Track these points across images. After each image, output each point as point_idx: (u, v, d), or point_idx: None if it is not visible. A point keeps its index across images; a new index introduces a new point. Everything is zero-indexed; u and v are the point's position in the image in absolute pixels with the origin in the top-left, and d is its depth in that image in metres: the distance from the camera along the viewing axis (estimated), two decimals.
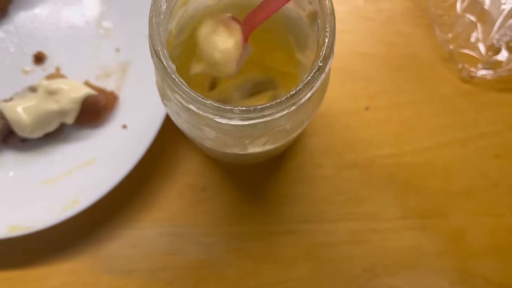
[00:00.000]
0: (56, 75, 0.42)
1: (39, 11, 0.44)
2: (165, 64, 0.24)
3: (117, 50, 0.43)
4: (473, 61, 0.43)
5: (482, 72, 0.43)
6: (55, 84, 0.39)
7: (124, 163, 0.39)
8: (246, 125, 0.24)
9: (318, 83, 0.23)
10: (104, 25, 0.44)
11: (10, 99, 0.40)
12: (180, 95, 0.24)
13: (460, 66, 0.43)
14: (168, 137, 0.42)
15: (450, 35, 0.43)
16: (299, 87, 0.23)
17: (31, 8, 0.44)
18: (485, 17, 0.43)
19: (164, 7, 0.25)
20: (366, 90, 0.44)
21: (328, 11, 0.23)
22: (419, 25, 0.45)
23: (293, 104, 0.23)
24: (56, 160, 0.41)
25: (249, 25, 0.28)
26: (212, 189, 0.42)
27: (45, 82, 0.40)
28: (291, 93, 0.22)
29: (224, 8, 0.33)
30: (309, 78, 0.23)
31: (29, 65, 0.43)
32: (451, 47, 0.43)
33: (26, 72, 0.43)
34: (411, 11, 0.45)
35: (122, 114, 0.41)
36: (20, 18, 0.44)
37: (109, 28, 0.43)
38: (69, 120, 0.40)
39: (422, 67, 0.44)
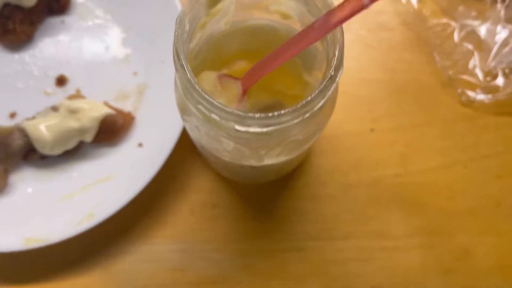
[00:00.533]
0: (77, 96, 0.44)
1: (62, 37, 0.47)
2: (189, 76, 0.26)
3: (135, 73, 0.46)
4: (472, 86, 0.46)
5: (480, 97, 0.45)
6: (77, 103, 0.42)
7: (139, 180, 0.40)
8: (263, 133, 0.26)
9: (329, 92, 0.25)
10: (124, 51, 0.46)
11: (33, 118, 0.42)
12: (203, 105, 0.26)
13: (459, 91, 0.45)
14: (182, 156, 0.43)
15: (449, 62, 0.46)
16: (313, 95, 0.25)
17: (56, 35, 0.47)
18: (482, 46, 0.46)
19: (187, 26, 0.28)
20: (371, 113, 0.46)
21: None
22: (420, 52, 0.47)
23: (306, 112, 0.25)
24: (74, 177, 0.43)
25: (247, 82, 0.30)
26: (223, 206, 0.43)
27: (67, 102, 0.42)
28: (306, 100, 0.24)
29: (236, 32, 0.36)
30: (322, 86, 0.25)
31: (51, 87, 0.45)
32: (450, 73, 0.46)
33: (48, 94, 0.45)
34: (411, 40, 0.48)
35: (139, 133, 0.43)
36: (45, 44, 0.47)
37: (128, 53, 0.46)
38: (88, 138, 0.42)
39: (424, 92, 0.46)
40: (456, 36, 0.47)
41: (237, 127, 0.26)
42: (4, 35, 0.45)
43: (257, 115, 0.24)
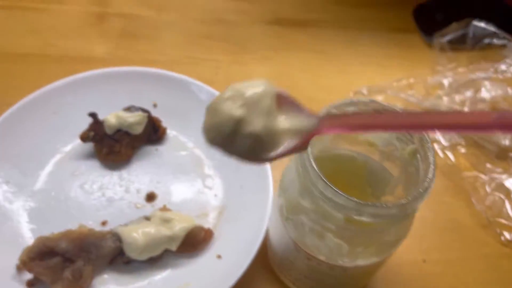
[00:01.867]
0: (164, 210, 0.49)
1: (155, 162, 0.55)
2: (317, 169, 0.32)
3: (216, 196, 0.52)
4: (509, 228, 0.52)
5: None
6: (169, 214, 0.47)
7: None
8: (370, 225, 0.32)
9: (426, 194, 0.32)
10: (208, 177, 0.54)
11: (125, 225, 0.47)
12: (324, 194, 0.32)
13: (498, 231, 0.52)
14: (254, 272, 0.47)
15: (485, 207, 0.54)
16: (415, 194, 0.31)
17: (149, 159, 0.55)
18: (511, 195, 0.54)
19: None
20: (421, 246, 0.51)
21: (430, 146, 0.34)
22: (458, 197, 0.55)
23: (408, 209, 0.31)
24: (152, 283, 0.45)
25: (335, 126, 0.25)
26: None
27: (159, 212, 0.47)
28: (410, 199, 0.31)
29: (322, 159, 0.43)
30: (423, 188, 0.31)
31: (141, 202, 0.51)
32: (488, 215, 0.53)
33: (138, 207, 0.51)
34: (450, 188, 0.56)
35: (217, 246, 0.48)
36: (140, 165, 0.54)
37: (212, 179, 0.54)
38: (174, 247, 0.46)
39: (466, 231, 0.53)
40: (487, 187, 0.55)
41: (354, 215, 0.31)
42: (109, 154, 0.53)
43: (376, 203, 0.30)
